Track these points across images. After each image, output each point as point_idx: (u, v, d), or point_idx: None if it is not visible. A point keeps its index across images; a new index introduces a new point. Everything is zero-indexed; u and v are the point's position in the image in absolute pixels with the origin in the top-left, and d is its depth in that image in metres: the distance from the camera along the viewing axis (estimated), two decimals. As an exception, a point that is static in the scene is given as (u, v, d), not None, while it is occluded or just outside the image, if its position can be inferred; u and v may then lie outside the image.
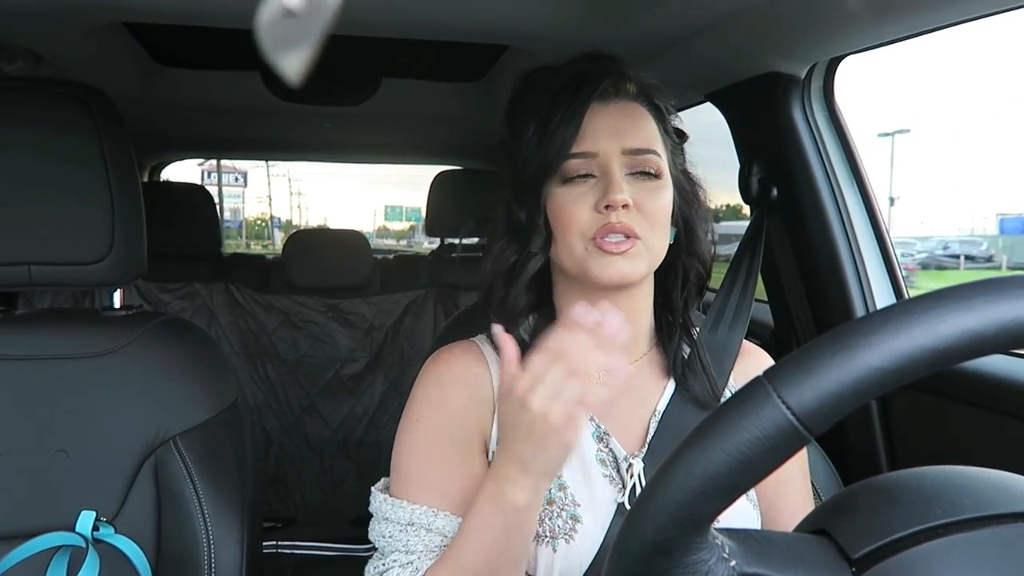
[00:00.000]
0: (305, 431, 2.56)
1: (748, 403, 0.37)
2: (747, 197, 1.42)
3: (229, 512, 1.06)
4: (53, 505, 1.04)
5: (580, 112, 0.83)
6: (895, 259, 1.39)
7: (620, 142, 0.84)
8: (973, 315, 0.35)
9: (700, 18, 1.19)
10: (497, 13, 1.26)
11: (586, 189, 0.84)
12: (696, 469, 0.37)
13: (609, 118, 0.85)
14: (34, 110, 1.06)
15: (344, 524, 2.44)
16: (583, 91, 0.84)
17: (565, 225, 0.84)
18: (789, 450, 0.36)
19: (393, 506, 0.83)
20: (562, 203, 0.84)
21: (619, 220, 0.81)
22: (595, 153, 0.83)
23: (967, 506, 0.41)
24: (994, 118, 53.56)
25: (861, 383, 0.35)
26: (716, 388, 0.91)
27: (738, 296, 1.09)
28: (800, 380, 0.36)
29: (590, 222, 0.82)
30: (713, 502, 0.37)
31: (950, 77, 62.94)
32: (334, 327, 2.56)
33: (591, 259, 0.82)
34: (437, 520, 0.81)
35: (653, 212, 0.84)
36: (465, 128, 2.37)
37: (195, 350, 1.16)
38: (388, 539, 0.82)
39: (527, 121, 0.86)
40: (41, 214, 1.05)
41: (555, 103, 0.84)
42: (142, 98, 1.95)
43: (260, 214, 34.67)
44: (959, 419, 1.18)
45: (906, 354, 0.35)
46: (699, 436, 0.38)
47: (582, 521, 0.81)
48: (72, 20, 1.26)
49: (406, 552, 0.81)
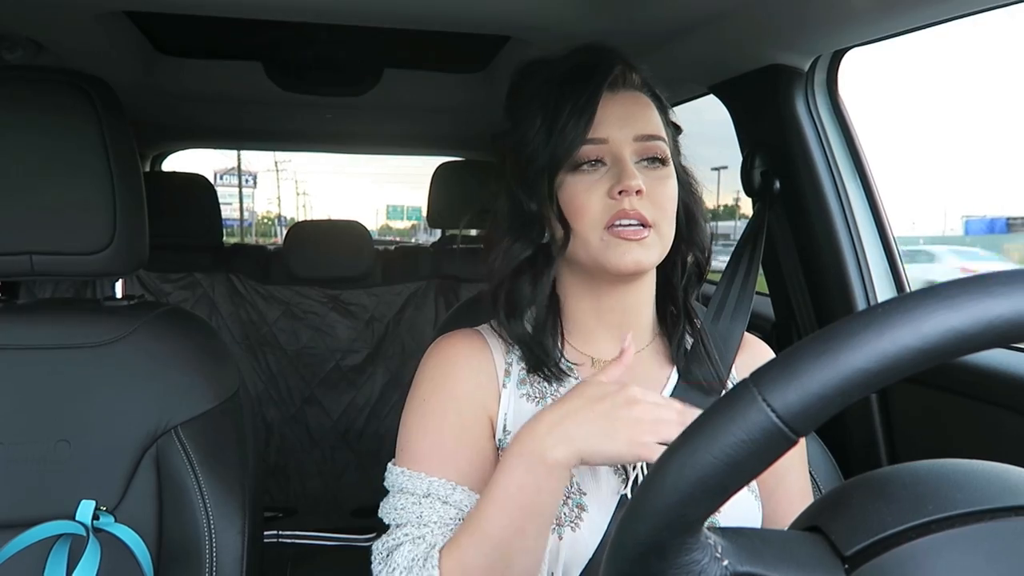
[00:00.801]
0: (306, 422, 2.57)
1: (734, 406, 0.37)
2: (749, 190, 1.42)
3: (230, 502, 1.07)
4: (54, 494, 1.04)
5: (594, 99, 0.83)
6: (897, 252, 1.39)
7: (631, 129, 0.84)
8: (957, 313, 0.35)
9: (703, 10, 1.18)
10: (500, 4, 1.25)
11: (598, 177, 0.83)
12: (686, 471, 0.37)
13: (618, 106, 0.85)
14: (35, 99, 1.06)
15: (344, 514, 2.44)
16: (595, 79, 0.84)
17: (579, 214, 0.83)
18: (776, 452, 0.37)
19: (410, 478, 0.82)
20: (574, 191, 0.84)
21: (632, 207, 0.81)
22: (605, 140, 0.83)
23: (959, 501, 0.41)
24: (963, 119, 54.04)
25: (846, 384, 0.35)
26: (721, 373, 0.91)
27: (739, 288, 1.09)
28: (785, 383, 0.36)
29: (603, 209, 0.82)
30: (703, 504, 0.38)
31: (917, 76, 63.24)
32: (335, 318, 2.56)
33: (607, 248, 0.82)
34: (455, 493, 0.81)
35: (663, 200, 0.84)
36: (467, 119, 2.37)
37: (196, 340, 1.16)
38: (401, 511, 0.81)
39: (533, 111, 0.85)
40: (42, 204, 1.05)
41: (565, 91, 0.83)
42: (144, 87, 1.94)
43: (266, 212, 36.77)
44: (959, 412, 1.19)
45: (891, 355, 0.35)
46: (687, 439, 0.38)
47: (587, 510, 0.82)
48: (74, 8, 1.25)
49: (419, 525, 0.80)
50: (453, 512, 0.80)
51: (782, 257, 1.46)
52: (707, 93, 1.55)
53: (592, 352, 0.91)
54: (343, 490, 2.57)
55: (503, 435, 0.86)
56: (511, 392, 0.88)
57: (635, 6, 1.21)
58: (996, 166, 37.27)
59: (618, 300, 0.89)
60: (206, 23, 1.37)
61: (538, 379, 0.88)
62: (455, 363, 0.89)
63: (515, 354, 0.90)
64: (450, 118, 2.43)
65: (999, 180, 36.19)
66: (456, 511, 0.81)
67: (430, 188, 2.55)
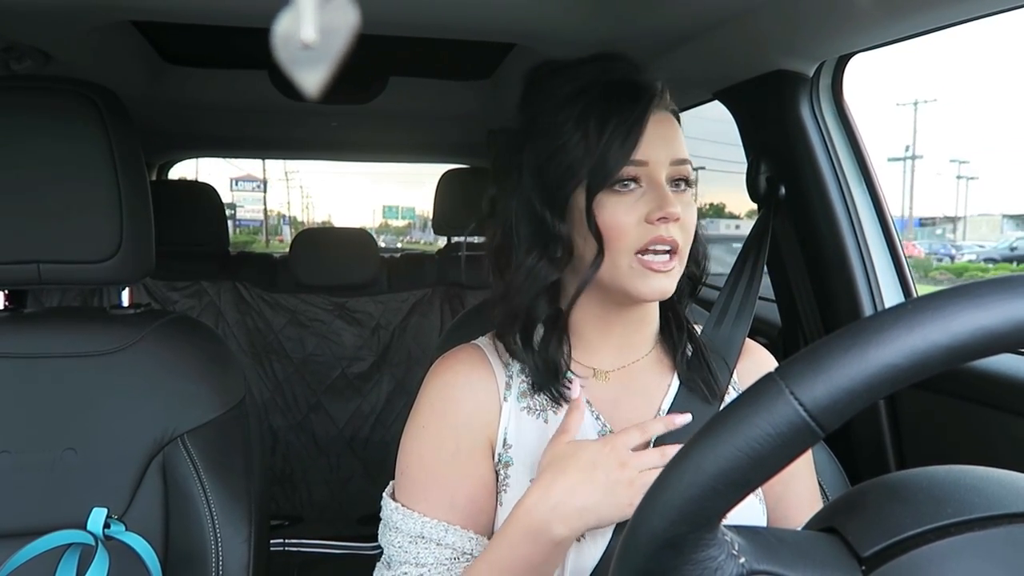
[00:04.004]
0: (312, 429, 2.57)
1: (760, 399, 0.37)
2: (755, 195, 1.42)
3: (236, 510, 1.07)
4: (62, 502, 1.04)
5: (642, 119, 0.80)
6: (904, 258, 1.38)
7: (669, 152, 0.82)
8: (987, 313, 0.35)
9: (708, 15, 1.18)
10: (506, 11, 1.25)
11: (635, 199, 0.81)
12: (707, 464, 0.37)
13: (658, 127, 0.82)
14: (43, 109, 1.06)
15: (351, 522, 2.44)
16: (644, 97, 0.81)
17: (615, 236, 0.80)
18: (801, 447, 0.36)
19: (404, 516, 0.82)
20: (612, 213, 0.80)
21: (669, 234, 0.80)
22: (646, 162, 0.81)
23: (977, 505, 0.41)
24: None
25: (874, 380, 0.35)
26: (719, 384, 0.91)
27: (742, 294, 1.08)
28: (813, 376, 0.36)
29: (639, 235, 0.80)
30: (723, 498, 0.37)
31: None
32: (341, 325, 2.57)
33: (635, 276, 0.81)
34: (448, 535, 0.81)
35: (690, 225, 0.83)
36: (472, 126, 2.37)
37: (203, 348, 1.16)
38: (397, 549, 0.82)
39: (566, 120, 0.81)
40: (50, 213, 1.05)
41: (612, 106, 0.80)
42: (150, 97, 1.95)
43: (272, 211, 44.17)
44: (966, 418, 1.18)
45: (920, 351, 0.35)
46: (710, 432, 0.38)
47: None
48: (81, 19, 1.26)
49: (416, 565, 0.81)
50: (448, 552, 0.81)
51: (788, 263, 1.46)
52: (712, 99, 1.55)
53: (594, 363, 0.90)
54: (349, 498, 2.57)
55: (503, 449, 0.86)
56: (512, 406, 0.87)
57: (640, 13, 1.22)
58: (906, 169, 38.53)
59: (625, 316, 0.89)
60: (212, 32, 1.37)
61: (539, 392, 0.87)
62: (454, 386, 0.88)
63: (515, 367, 0.89)
64: (455, 125, 2.43)
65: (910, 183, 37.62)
66: (451, 551, 0.81)
67: (435, 195, 2.56)
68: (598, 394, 0.89)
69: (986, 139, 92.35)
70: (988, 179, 70.77)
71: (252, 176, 38.15)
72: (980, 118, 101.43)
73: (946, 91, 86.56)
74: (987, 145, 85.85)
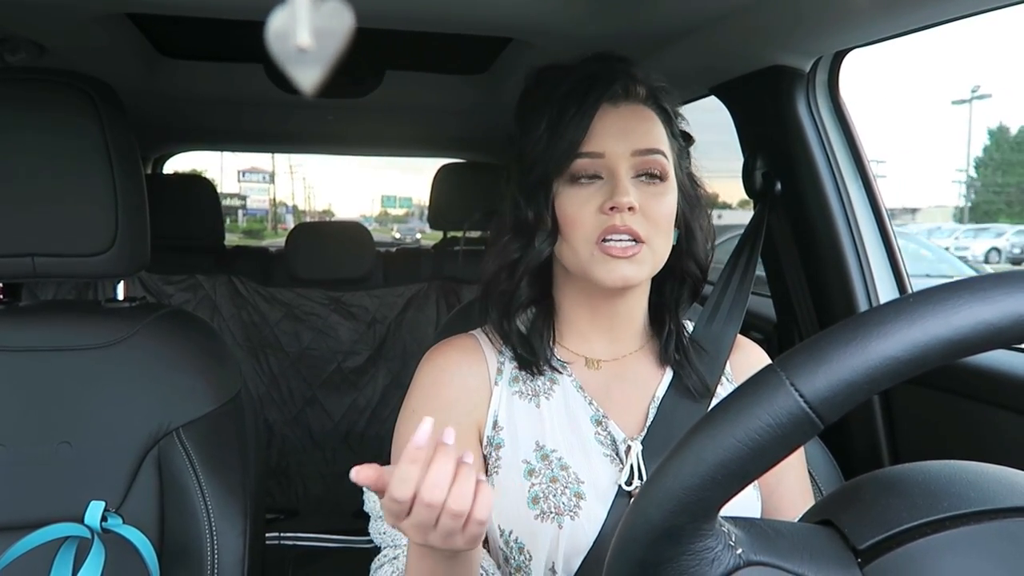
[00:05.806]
0: (307, 423, 2.56)
1: (761, 390, 0.37)
2: (750, 191, 1.42)
3: (232, 504, 1.07)
4: (57, 496, 1.04)
5: (590, 113, 0.84)
6: (899, 253, 1.38)
7: (628, 144, 0.85)
8: (989, 307, 0.35)
9: (704, 11, 1.18)
10: (501, 6, 1.25)
11: (593, 191, 0.84)
12: (706, 455, 0.37)
13: (618, 119, 0.85)
14: (37, 101, 1.06)
15: (346, 516, 2.44)
16: (594, 92, 0.85)
17: (571, 226, 0.85)
18: (801, 438, 0.36)
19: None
20: (568, 204, 0.85)
21: (624, 223, 0.82)
22: (602, 154, 0.84)
23: (973, 499, 0.41)
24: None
25: (875, 372, 0.35)
26: (706, 382, 0.92)
27: (735, 290, 1.09)
28: (813, 368, 0.36)
29: (595, 224, 0.83)
30: (722, 488, 0.37)
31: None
32: (336, 319, 2.56)
33: (596, 263, 0.83)
34: None
35: (657, 217, 0.84)
36: (468, 121, 2.37)
37: (198, 342, 1.16)
38: (383, 535, 0.85)
39: (537, 120, 0.87)
40: (45, 206, 1.05)
41: (566, 103, 0.85)
42: (146, 90, 1.94)
43: (281, 200, 47.67)
44: (960, 413, 1.19)
45: (921, 344, 0.35)
46: (710, 422, 0.38)
47: (586, 498, 0.82)
48: (76, 11, 1.25)
49: (394, 547, 0.84)
50: None
51: (783, 258, 1.46)
52: (708, 94, 1.55)
53: (584, 352, 0.93)
54: (345, 492, 2.56)
55: (493, 432, 0.88)
56: (503, 389, 0.90)
57: (636, 8, 1.21)
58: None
59: (611, 306, 0.91)
60: (207, 25, 1.37)
61: (530, 377, 0.90)
62: (444, 370, 0.90)
63: (508, 353, 0.92)
64: (452, 120, 2.43)
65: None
66: None
67: (431, 189, 2.55)
68: (590, 381, 0.91)
69: (896, 141, 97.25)
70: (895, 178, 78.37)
71: (259, 168, 41.45)
72: (890, 122, 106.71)
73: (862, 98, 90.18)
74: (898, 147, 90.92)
